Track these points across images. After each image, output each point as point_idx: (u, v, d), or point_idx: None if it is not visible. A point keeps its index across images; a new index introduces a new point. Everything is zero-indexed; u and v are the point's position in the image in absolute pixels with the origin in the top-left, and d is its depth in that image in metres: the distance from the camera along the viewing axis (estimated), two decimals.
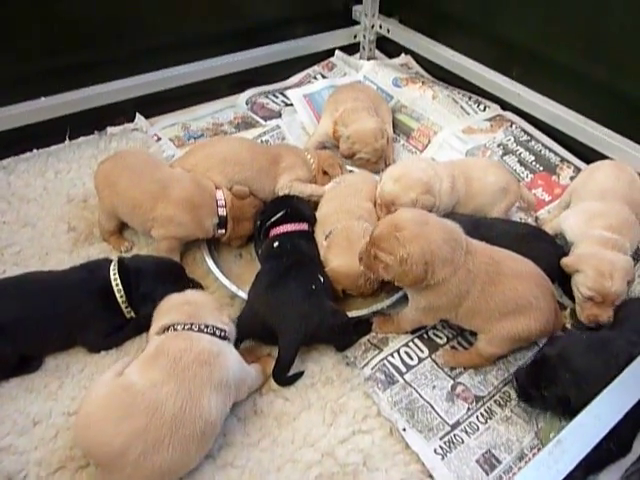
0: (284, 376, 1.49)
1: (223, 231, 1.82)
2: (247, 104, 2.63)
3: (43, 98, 2.17)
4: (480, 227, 1.73)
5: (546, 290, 1.51)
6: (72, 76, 2.21)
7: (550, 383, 1.37)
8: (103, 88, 2.27)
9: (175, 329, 1.32)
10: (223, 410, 1.30)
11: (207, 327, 1.34)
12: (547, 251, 1.75)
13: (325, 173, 2.03)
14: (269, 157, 1.97)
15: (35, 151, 2.26)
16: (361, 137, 2.14)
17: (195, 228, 1.77)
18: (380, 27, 2.83)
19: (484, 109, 2.47)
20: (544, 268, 1.58)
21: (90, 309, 1.51)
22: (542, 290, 1.49)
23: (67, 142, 2.32)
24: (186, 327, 1.32)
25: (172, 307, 1.39)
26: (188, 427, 1.21)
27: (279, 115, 2.56)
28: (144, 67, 2.35)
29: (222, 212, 1.80)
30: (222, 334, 1.36)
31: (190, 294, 1.45)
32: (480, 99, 2.50)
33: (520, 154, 2.28)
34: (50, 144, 2.29)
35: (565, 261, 1.70)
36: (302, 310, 1.49)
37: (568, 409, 1.35)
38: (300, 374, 1.53)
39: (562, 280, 1.80)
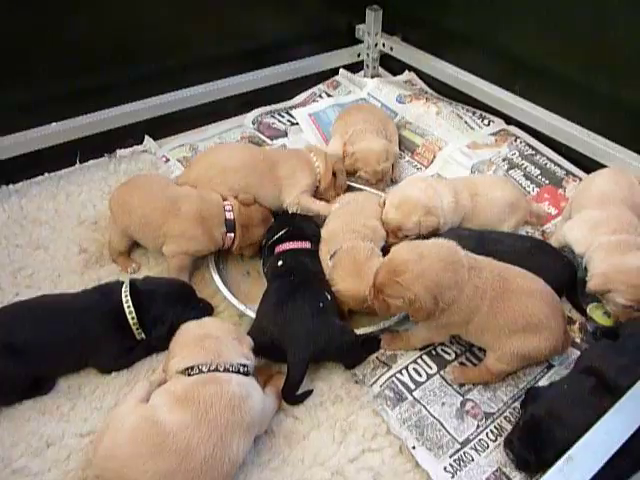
0: (293, 394, 1.50)
1: (232, 235, 1.84)
2: (253, 124, 2.67)
3: (54, 124, 2.22)
4: (485, 241, 1.74)
5: (556, 309, 1.51)
6: (81, 101, 2.26)
7: (548, 444, 1.29)
8: (111, 112, 2.32)
9: (201, 371, 1.31)
10: (248, 448, 1.32)
11: (232, 366, 1.33)
12: (553, 264, 1.75)
13: (333, 175, 2.04)
14: (268, 162, 1.99)
15: (47, 175, 2.31)
16: (364, 157, 2.17)
17: (207, 240, 1.81)
18: (383, 45, 2.88)
19: (488, 124, 2.49)
20: (550, 281, 1.58)
21: (102, 331, 1.53)
22: (552, 309, 1.49)
23: (77, 165, 2.36)
24: (212, 368, 1.31)
25: (192, 342, 1.38)
26: (216, 469, 1.23)
27: (285, 134, 2.60)
28: (151, 90, 2.40)
29: (229, 216, 1.83)
30: (245, 370, 1.36)
31: (208, 324, 1.45)
32: (484, 114, 2.53)
33: (525, 168, 2.29)
34: (61, 167, 2.34)
35: (592, 287, 1.65)
36: (310, 328, 1.50)
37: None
38: (309, 392, 1.54)
39: (570, 293, 1.80)
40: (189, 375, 1.31)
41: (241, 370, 1.35)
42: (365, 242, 1.74)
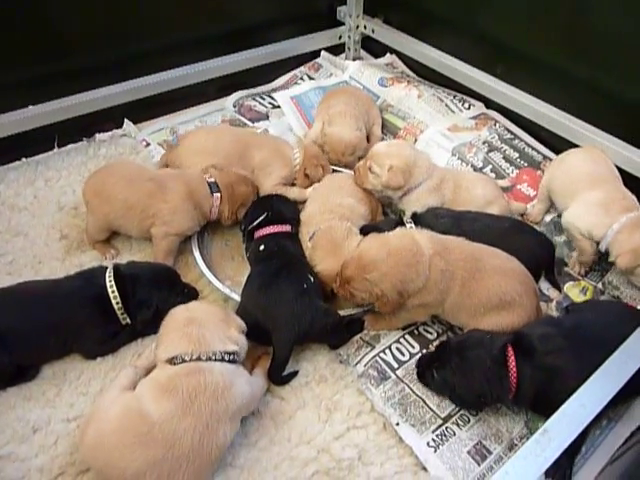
0: (280, 375, 1.53)
1: (218, 195, 1.86)
2: (234, 107, 2.65)
3: (31, 107, 2.18)
4: (462, 221, 1.77)
5: (529, 287, 1.57)
6: (59, 84, 2.22)
7: (441, 366, 1.44)
8: (90, 95, 2.27)
9: (184, 360, 1.30)
10: (235, 431, 1.34)
11: (214, 354, 1.32)
12: (530, 243, 1.79)
13: (306, 176, 2.05)
14: (240, 145, 2.03)
15: (24, 160, 2.27)
16: (332, 143, 2.19)
17: (198, 215, 1.84)
18: (365, 27, 2.86)
19: (469, 107, 2.51)
20: (529, 260, 1.64)
21: (86, 317, 1.53)
22: (525, 287, 1.55)
23: (56, 150, 2.32)
24: (194, 358, 1.30)
25: (176, 329, 1.36)
26: (204, 457, 1.25)
27: (267, 117, 2.59)
28: (131, 73, 2.36)
29: (210, 179, 1.88)
30: (230, 357, 1.35)
31: (193, 308, 1.43)
32: (465, 97, 2.54)
33: (505, 151, 2.32)
34: (39, 152, 2.30)
35: (623, 264, 1.70)
36: (294, 309, 1.52)
37: (452, 395, 1.45)
38: (295, 373, 1.57)
39: (548, 271, 1.85)
40: (174, 364, 1.31)
41: (225, 358, 1.34)
42: (342, 222, 1.76)
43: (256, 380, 1.45)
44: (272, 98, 2.68)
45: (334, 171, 2.18)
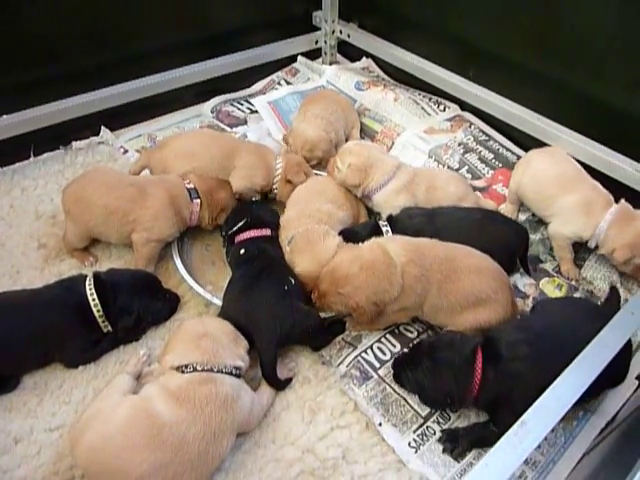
0: (274, 378, 1.53)
1: (198, 201, 1.86)
2: (212, 112, 2.66)
3: (5, 116, 2.16)
4: (435, 217, 1.81)
5: (503, 283, 1.61)
6: (34, 92, 2.20)
7: (415, 367, 1.47)
8: (66, 103, 2.26)
9: (195, 369, 1.33)
10: (232, 444, 1.36)
11: (225, 367, 1.37)
12: (503, 232, 1.83)
13: (289, 182, 2.06)
14: (224, 150, 2.04)
15: (0, 169, 2.24)
16: (295, 136, 2.23)
17: (178, 221, 1.84)
18: (340, 32, 2.89)
19: (444, 109, 2.56)
20: (503, 248, 1.71)
21: (67, 325, 1.52)
22: (499, 284, 1.59)
23: (32, 158, 2.30)
24: (206, 368, 1.34)
25: (190, 340, 1.39)
26: (207, 465, 1.28)
27: (245, 122, 2.60)
28: (107, 80, 2.35)
29: (189, 185, 1.88)
30: (237, 372, 1.40)
31: (209, 323, 1.47)
32: (440, 100, 2.59)
33: (480, 152, 2.37)
34: (14, 161, 2.28)
35: (621, 258, 1.77)
36: (276, 312, 1.54)
37: (422, 395, 1.48)
38: (292, 378, 1.58)
39: (522, 256, 1.90)
40: (182, 372, 1.33)
41: (233, 372, 1.38)
42: (320, 225, 1.78)
43: (259, 399, 1.46)
44: (250, 103, 2.70)
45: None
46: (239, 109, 2.69)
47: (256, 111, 2.63)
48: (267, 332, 1.51)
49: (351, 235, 1.77)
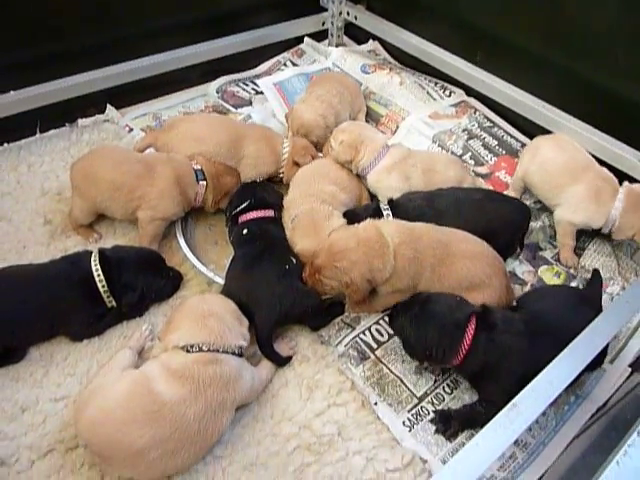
0: (271, 352, 1.56)
1: (204, 183, 1.88)
2: (217, 93, 2.66)
3: (12, 92, 2.17)
4: (435, 200, 1.82)
5: (498, 269, 1.63)
6: (41, 69, 2.21)
7: (405, 312, 1.51)
8: (73, 80, 2.26)
9: (201, 349, 1.35)
10: (231, 418, 1.39)
11: (230, 347, 1.39)
12: (504, 210, 1.83)
13: (296, 164, 2.07)
14: (232, 136, 2.03)
15: (6, 145, 2.25)
16: (292, 118, 2.23)
17: (183, 201, 1.86)
18: (348, 14, 2.88)
19: (449, 95, 2.55)
20: (504, 227, 1.73)
21: (72, 300, 1.55)
22: (494, 269, 1.61)
23: (38, 135, 2.31)
24: (212, 349, 1.36)
25: (195, 319, 1.40)
26: (206, 441, 1.31)
27: (250, 103, 2.60)
28: (114, 58, 2.35)
29: (197, 167, 1.90)
30: (240, 351, 1.43)
31: (212, 300, 1.49)
32: (446, 85, 2.58)
33: (484, 139, 2.37)
34: (21, 138, 2.29)
35: None
36: (276, 290, 1.57)
37: (405, 342, 1.53)
38: (291, 356, 1.61)
39: (523, 234, 1.91)
40: (187, 351, 1.35)
41: (237, 352, 1.41)
42: (324, 205, 1.79)
43: (259, 374, 1.50)
44: (255, 84, 2.69)
45: None
46: (244, 90, 2.69)
47: (261, 92, 2.62)
48: (267, 310, 1.54)
49: (352, 216, 1.79)
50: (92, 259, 1.58)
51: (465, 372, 1.50)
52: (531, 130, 2.31)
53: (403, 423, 1.50)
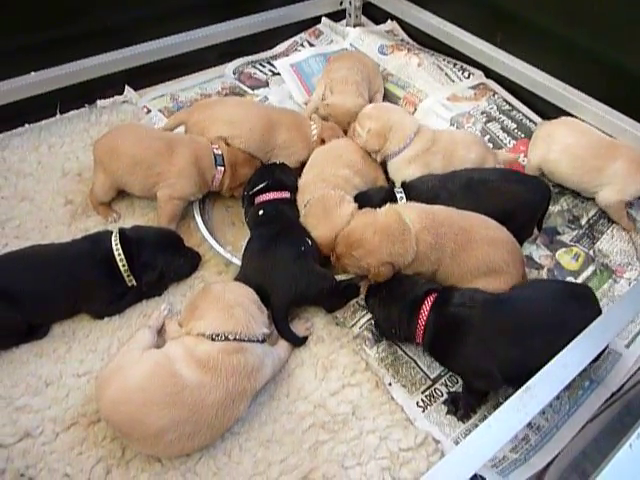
0: (288, 333, 1.59)
1: (222, 168, 1.90)
2: (234, 74, 2.65)
3: (33, 73, 2.19)
4: (447, 181, 1.80)
5: (516, 255, 1.63)
6: (60, 50, 2.22)
7: (375, 294, 1.60)
8: (92, 61, 2.28)
9: (227, 338, 1.37)
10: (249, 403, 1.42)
11: (255, 336, 1.41)
12: (520, 191, 1.79)
13: (323, 142, 2.06)
14: (264, 123, 2.02)
15: (27, 126, 2.28)
16: (336, 113, 2.19)
17: (200, 181, 1.88)
18: None
19: (468, 76, 2.51)
20: (522, 208, 1.72)
21: (94, 278, 1.59)
22: (512, 256, 1.61)
23: (58, 116, 2.34)
24: (238, 338, 1.37)
25: (222, 308, 1.41)
26: (223, 425, 1.35)
27: (266, 84, 2.59)
28: (132, 39, 2.36)
29: (217, 152, 1.91)
30: (264, 338, 1.45)
31: (236, 291, 1.48)
32: (465, 66, 2.54)
33: (503, 122, 2.33)
34: (41, 119, 2.31)
35: None
36: (292, 271, 1.58)
37: (376, 322, 1.61)
38: (307, 337, 1.64)
39: (541, 220, 1.90)
40: (212, 340, 1.36)
41: (260, 339, 1.43)
42: (335, 190, 1.78)
43: (277, 353, 1.52)
44: (272, 65, 2.67)
45: None
46: (261, 71, 2.68)
47: (278, 73, 2.61)
48: (282, 290, 1.56)
49: (364, 199, 1.78)
50: (113, 238, 1.61)
51: (426, 348, 1.53)
52: (550, 113, 2.26)
53: (417, 404, 1.52)
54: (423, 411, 1.50)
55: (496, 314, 1.44)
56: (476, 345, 1.38)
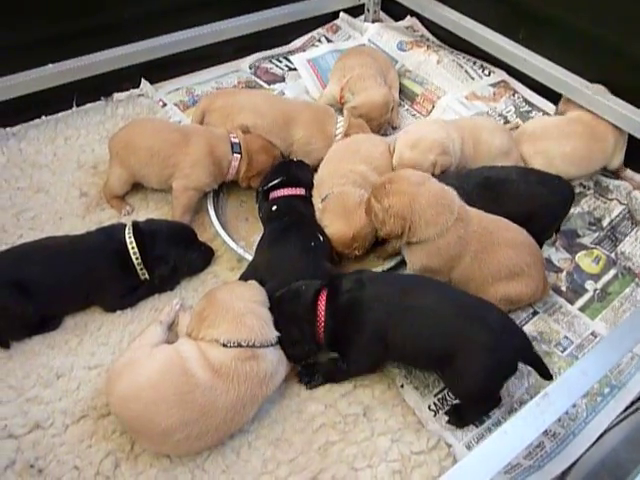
0: None
1: (238, 156, 1.89)
2: (251, 69, 2.64)
3: (50, 65, 2.19)
4: (464, 180, 1.74)
5: (537, 259, 1.60)
6: (77, 42, 2.22)
7: None
8: (108, 54, 2.28)
9: (240, 345, 1.33)
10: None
11: (268, 342, 1.38)
12: (539, 194, 1.73)
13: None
14: (285, 116, 2.03)
15: (44, 118, 2.29)
16: (368, 111, 2.15)
17: (215, 171, 1.88)
18: None
19: (489, 74, 2.47)
20: (542, 210, 1.68)
21: (107, 271, 1.58)
22: (534, 259, 1.58)
23: (74, 108, 2.34)
24: (250, 345, 1.34)
25: (234, 318, 1.36)
26: (231, 428, 1.34)
27: (283, 79, 2.57)
28: (149, 32, 2.35)
29: (235, 140, 1.91)
30: (277, 341, 1.41)
31: (244, 296, 1.43)
32: (485, 64, 2.50)
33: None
34: (58, 111, 2.32)
35: None
36: (298, 265, 1.56)
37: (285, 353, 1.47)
38: None
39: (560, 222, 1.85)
40: (224, 346, 1.33)
41: (273, 343, 1.39)
42: (356, 189, 1.75)
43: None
44: (289, 60, 2.65)
45: None
46: (277, 66, 2.66)
47: (295, 68, 2.59)
48: (285, 283, 1.51)
49: None
50: (126, 231, 1.60)
51: (327, 346, 1.46)
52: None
53: (429, 407, 1.49)
54: (435, 415, 1.48)
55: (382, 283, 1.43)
56: (373, 323, 1.36)
